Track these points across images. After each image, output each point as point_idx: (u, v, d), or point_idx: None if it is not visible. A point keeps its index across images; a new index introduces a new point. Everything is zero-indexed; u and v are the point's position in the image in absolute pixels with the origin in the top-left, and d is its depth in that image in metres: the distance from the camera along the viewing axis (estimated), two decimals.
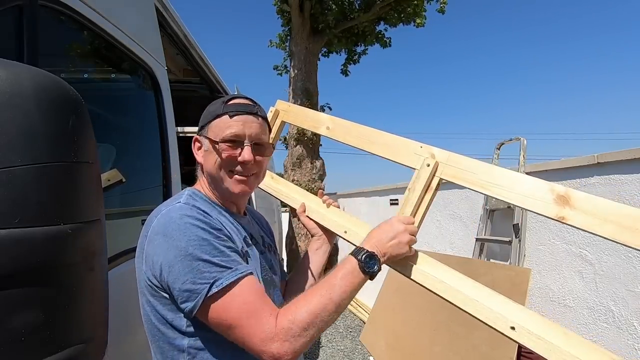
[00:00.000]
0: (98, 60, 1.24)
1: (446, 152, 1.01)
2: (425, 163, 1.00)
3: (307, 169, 6.26)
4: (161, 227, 0.75)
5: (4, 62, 0.31)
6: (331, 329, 4.71)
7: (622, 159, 2.05)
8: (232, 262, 0.74)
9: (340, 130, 1.22)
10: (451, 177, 0.98)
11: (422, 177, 0.99)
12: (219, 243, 0.75)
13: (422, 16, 6.55)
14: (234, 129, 0.86)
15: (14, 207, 0.29)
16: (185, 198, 0.83)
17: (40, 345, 0.30)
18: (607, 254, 2.12)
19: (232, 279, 0.72)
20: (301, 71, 6.33)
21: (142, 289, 0.79)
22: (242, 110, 0.88)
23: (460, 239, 3.46)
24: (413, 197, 0.98)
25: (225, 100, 0.89)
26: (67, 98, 0.33)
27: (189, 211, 0.77)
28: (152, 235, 0.75)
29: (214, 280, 0.71)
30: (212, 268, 0.72)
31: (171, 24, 1.77)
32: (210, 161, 0.88)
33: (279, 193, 1.28)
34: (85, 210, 0.34)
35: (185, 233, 0.73)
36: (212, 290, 0.70)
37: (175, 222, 0.74)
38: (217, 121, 0.87)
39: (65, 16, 0.92)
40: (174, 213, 0.76)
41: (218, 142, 0.86)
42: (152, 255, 0.74)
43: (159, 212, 0.79)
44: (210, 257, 0.72)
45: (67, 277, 0.32)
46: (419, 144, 1.05)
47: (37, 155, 0.30)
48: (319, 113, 1.30)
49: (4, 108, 0.29)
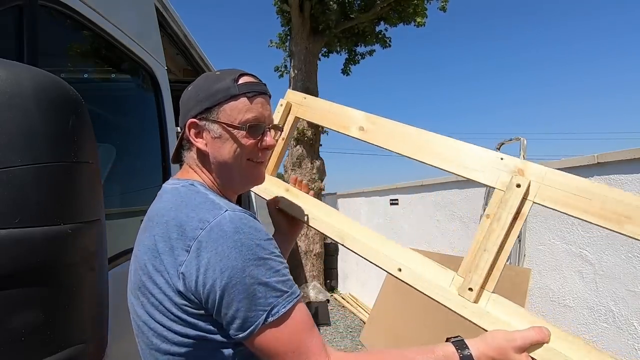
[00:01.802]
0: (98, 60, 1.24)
1: (541, 168, 0.78)
2: (514, 183, 0.78)
3: (307, 169, 6.26)
4: (213, 243, 0.65)
5: (4, 62, 0.31)
6: (331, 329, 4.71)
7: (622, 159, 2.05)
8: (287, 284, 0.68)
9: (380, 133, 0.97)
10: (553, 202, 0.76)
11: (510, 202, 0.77)
12: (275, 260, 0.68)
13: (423, 15, 6.55)
14: (255, 113, 0.78)
15: (14, 207, 0.29)
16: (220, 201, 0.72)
17: (40, 345, 0.30)
18: (607, 254, 2.12)
19: (289, 305, 0.66)
20: (301, 71, 6.33)
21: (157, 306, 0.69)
22: (259, 91, 0.79)
23: (460, 239, 3.45)
24: (499, 229, 0.77)
25: (235, 79, 0.78)
26: (67, 98, 0.33)
27: (241, 222, 0.67)
28: (200, 251, 0.65)
29: (271, 307, 0.65)
30: (269, 293, 0.65)
31: (171, 24, 1.78)
32: (226, 149, 0.78)
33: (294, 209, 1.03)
34: (85, 210, 0.34)
35: (242, 251, 0.65)
36: (268, 319, 0.65)
37: (231, 237, 0.65)
38: (234, 103, 0.77)
39: (65, 16, 0.92)
40: (226, 227, 0.66)
41: (241, 127, 0.77)
42: (197, 274, 0.65)
43: (204, 224, 0.66)
44: (267, 278, 0.65)
45: (67, 277, 0.32)
46: (498, 155, 0.83)
47: (37, 155, 0.30)
48: (347, 108, 1.03)
49: (4, 108, 0.29)
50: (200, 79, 0.83)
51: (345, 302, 5.66)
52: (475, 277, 0.77)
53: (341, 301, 5.80)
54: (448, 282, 0.81)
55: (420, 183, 4.11)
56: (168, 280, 0.67)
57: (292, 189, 1.07)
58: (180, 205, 0.71)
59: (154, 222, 0.72)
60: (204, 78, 0.82)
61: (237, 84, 0.77)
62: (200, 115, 0.78)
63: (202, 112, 0.78)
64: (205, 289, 0.65)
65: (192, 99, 0.80)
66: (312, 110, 1.08)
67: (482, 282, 0.77)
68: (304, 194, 1.05)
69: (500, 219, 0.77)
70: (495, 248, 0.76)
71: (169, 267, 0.67)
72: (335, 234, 0.95)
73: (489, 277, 0.77)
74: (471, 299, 0.77)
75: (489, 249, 0.77)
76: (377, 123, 0.98)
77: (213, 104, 0.77)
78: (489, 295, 0.77)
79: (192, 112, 0.78)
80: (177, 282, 0.66)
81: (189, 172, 0.82)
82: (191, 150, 0.82)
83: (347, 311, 5.40)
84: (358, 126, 1.00)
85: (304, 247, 6.28)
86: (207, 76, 0.82)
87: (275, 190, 1.07)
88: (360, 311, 5.13)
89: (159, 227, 0.70)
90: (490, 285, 0.77)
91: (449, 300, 0.79)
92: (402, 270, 0.85)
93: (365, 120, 0.99)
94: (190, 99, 0.80)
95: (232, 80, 0.77)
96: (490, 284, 0.77)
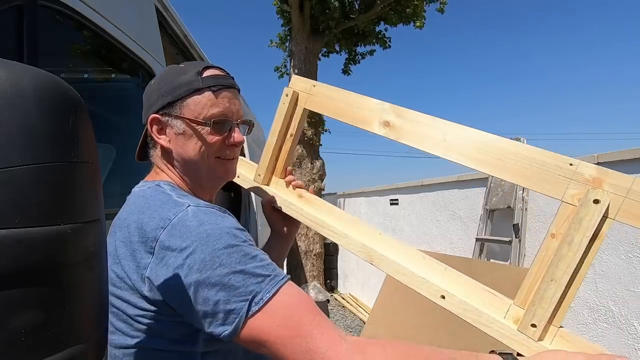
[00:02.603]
0: (98, 60, 1.24)
1: (626, 178, 0.62)
2: (591, 198, 0.62)
3: (307, 169, 6.26)
4: (177, 240, 0.60)
5: (4, 62, 0.31)
6: None
7: (622, 159, 2.05)
8: (267, 268, 0.61)
9: (411, 130, 0.80)
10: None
11: (585, 221, 0.62)
12: (248, 246, 0.62)
13: (421, 16, 6.56)
14: (221, 108, 0.72)
15: (14, 207, 0.29)
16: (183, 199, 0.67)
17: (40, 345, 0.30)
18: (607, 254, 2.12)
19: (273, 289, 0.59)
20: (301, 71, 6.33)
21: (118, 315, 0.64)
22: (226, 84, 0.73)
23: (460, 239, 3.45)
24: (571, 254, 0.63)
25: (199, 71, 0.72)
26: (67, 98, 0.33)
27: (205, 215, 0.63)
28: (163, 251, 0.60)
29: (253, 295, 0.58)
30: (248, 280, 0.59)
31: (171, 24, 1.78)
32: (190, 146, 0.72)
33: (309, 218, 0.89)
34: (85, 210, 0.34)
35: (208, 242, 0.59)
36: (252, 308, 0.58)
37: (194, 230, 0.60)
38: (197, 97, 0.71)
39: (66, 16, 0.92)
40: (190, 221, 0.61)
41: (205, 124, 0.71)
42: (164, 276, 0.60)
43: (164, 222, 0.62)
44: (243, 265, 0.59)
45: (67, 277, 0.32)
46: (566, 160, 0.67)
47: (37, 155, 0.30)
48: (368, 98, 0.86)
49: (4, 108, 0.29)
50: (164, 71, 0.77)
51: (345, 302, 5.66)
52: (540, 311, 0.64)
53: (341, 301, 5.80)
54: (502, 313, 0.69)
55: (420, 183, 4.11)
56: (131, 286, 0.62)
57: (306, 194, 0.94)
58: (143, 207, 0.66)
59: (115, 227, 0.68)
60: (167, 70, 0.76)
61: (201, 77, 0.71)
62: (163, 110, 0.72)
63: (164, 107, 0.72)
64: (175, 290, 0.59)
65: (154, 92, 0.74)
66: (324, 101, 0.92)
67: (549, 317, 0.63)
68: (318, 199, 0.92)
69: (572, 242, 0.63)
70: (566, 278, 0.63)
71: (130, 272, 0.62)
72: (360, 250, 0.80)
73: (557, 310, 0.63)
74: (535, 336, 0.64)
75: (558, 279, 0.63)
76: (407, 117, 0.79)
77: (175, 98, 0.71)
78: (555, 331, 0.64)
79: (154, 107, 0.73)
80: (142, 287, 0.61)
81: (157, 172, 0.77)
82: (156, 148, 0.77)
83: (347, 311, 5.40)
84: (382, 121, 0.82)
85: (304, 247, 6.28)
86: (171, 68, 0.76)
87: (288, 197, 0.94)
88: (360, 311, 5.13)
89: (120, 232, 0.65)
90: (557, 319, 0.64)
91: (507, 338, 0.66)
92: (446, 297, 0.71)
93: (391, 112, 0.81)
94: (152, 92, 0.74)
95: (196, 73, 0.72)
96: (559, 317, 0.64)
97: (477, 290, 0.71)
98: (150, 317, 0.63)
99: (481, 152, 0.73)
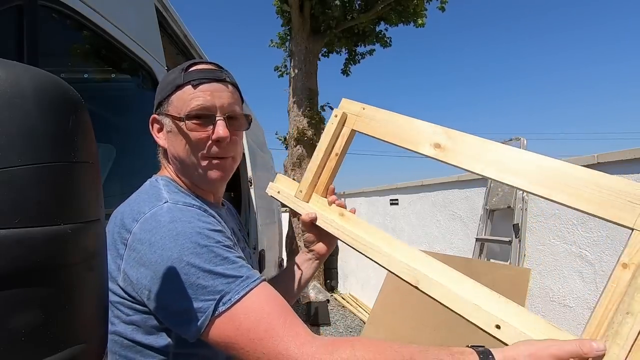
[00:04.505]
0: (98, 60, 1.24)
1: None
2: None
3: None
4: (147, 234, 0.60)
5: (4, 62, 0.31)
6: (331, 329, 4.71)
7: (622, 159, 2.05)
8: (240, 270, 0.61)
9: (463, 151, 0.78)
10: None
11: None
12: (221, 248, 0.61)
13: (423, 15, 6.56)
14: (201, 101, 0.70)
15: (14, 207, 0.29)
16: (167, 194, 0.68)
17: (40, 345, 0.30)
18: (607, 254, 2.12)
19: (243, 291, 0.59)
20: (301, 71, 6.33)
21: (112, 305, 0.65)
22: (208, 77, 0.71)
23: (460, 239, 3.45)
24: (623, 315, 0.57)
25: (184, 67, 0.72)
26: (67, 98, 0.33)
27: (180, 212, 0.63)
28: (134, 244, 0.61)
29: (221, 295, 0.58)
30: (217, 280, 0.58)
31: (171, 24, 1.78)
32: (178, 144, 0.72)
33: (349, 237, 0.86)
34: (85, 210, 0.34)
35: (177, 240, 0.59)
36: (219, 308, 0.57)
37: (165, 227, 0.60)
38: (179, 93, 0.71)
39: (65, 16, 0.92)
40: (162, 217, 0.61)
41: (183, 119, 0.70)
42: (134, 269, 0.60)
43: (139, 215, 0.63)
44: (212, 266, 0.59)
45: (67, 277, 0.32)
46: (635, 186, 0.61)
47: (37, 155, 0.30)
48: (417, 121, 0.86)
49: (4, 108, 0.29)
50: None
51: (345, 302, 5.66)
52: (616, 349, 0.57)
53: (341, 301, 5.80)
54: None
55: (420, 183, 4.11)
56: (110, 273, 0.63)
57: (347, 213, 0.92)
58: (130, 200, 0.69)
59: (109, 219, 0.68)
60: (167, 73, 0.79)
61: (185, 72, 0.72)
62: (157, 110, 0.76)
63: (158, 106, 0.75)
64: (143, 284, 0.59)
65: (156, 93, 0.77)
66: (373, 123, 0.92)
67: (627, 354, 0.57)
68: (358, 219, 0.90)
69: (633, 298, 0.58)
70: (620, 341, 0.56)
71: (110, 261, 0.63)
72: (404, 271, 0.76)
73: (633, 345, 0.57)
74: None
75: (636, 312, 0.57)
76: (459, 139, 0.80)
77: (163, 97, 0.73)
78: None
79: (154, 108, 0.77)
80: (118, 277, 0.62)
81: (162, 169, 0.80)
82: (159, 146, 0.79)
83: (347, 311, 5.40)
84: (432, 143, 0.82)
85: None
86: (170, 71, 0.79)
87: (329, 214, 0.93)
88: (360, 311, 5.13)
89: (110, 224, 0.67)
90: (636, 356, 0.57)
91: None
92: (502, 327, 0.66)
93: (443, 134, 0.81)
94: (156, 93, 0.78)
95: (181, 70, 0.72)
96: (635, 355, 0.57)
97: (536, 321, 0.66)
98: (127, 306, 0.63)
99: (537, 174, 0.70)
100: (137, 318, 0.63)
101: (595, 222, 2.16)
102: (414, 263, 0.76)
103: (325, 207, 0.95)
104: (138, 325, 0.64)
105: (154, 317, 0.63)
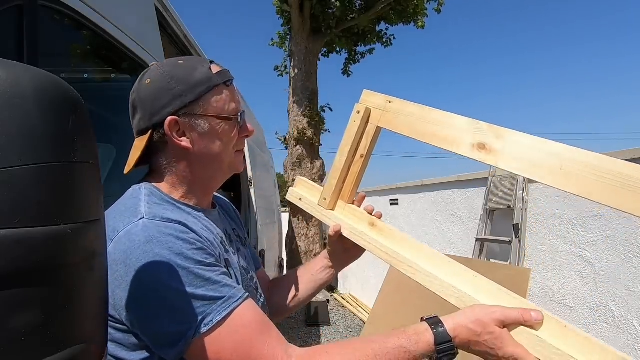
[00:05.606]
0: (98, 60, 1.24)
1: None
2: None
3: (307, 169, 6.26)
4: (121, 255, 0.58)
5: (4, 62, 0.31)
6: (331, 329, 4.71)
7: (622, 159, 2.05)
8: (221, 290, 0.60)
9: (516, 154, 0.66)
10: None
11: None
12: (201, 268, 0.60)
13: (423, 15, 6.56)
14: (236, 102, 0.75)
15: (14, 207, 0.29)
16: (146, 206, 0.64)
17: (40, 345, 0.30)
18: (607, 254, 2.12)
19: (225, 312, 0.59)
20: (301, 71, 6.33)
21: None
22: (232, 78, 0.75)
23: (460, 239, 3.45)
24: None
25: (210, 68, 0.72)
26: (67, 98, 0.33)
27: (156, 230, 0.59)
28: (110, 264, 0.57)
29: (203, 317, 0.57)
30: (197, 302, 0.57)
31: (171, 24, 1.78)
32: (215, 143, 0.72)
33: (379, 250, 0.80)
34: (85, 210, 0.34)
35: (154, 262, 0.57)
36: (201, 330, 0.57)
37: (140, 248, 0.57)
38: (215, 94, 0.71)
39: (65, 16, 0.92)
40: (137, 236, 0.58)
41: (230, 118, 0.72)
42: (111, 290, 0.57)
43: (113, 234, 0.59)
44: (193, 289, 0.58)
45: (67, 277, 0.32)
46: None
47: (37, 155, 0.30)
48: (454, 116, 0.74)
49: (4, 108, 0.29)
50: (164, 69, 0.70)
51: (345, 302, 5.66)
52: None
53: (341, 301, 5.80)
54: None
55: (420, 183, 4.11)
56: None
57: (378, 222, 0.83)
58: (109, 211, 0.65)
59: None
60: (170, 69, 0.70)
61: (217, 74, 0.72)
62: (182, 110, 0.68)
63: (185, 107, 0.68)
64: (122, 305, 0.58)
65: (164, 93, 0.68)
66: (401, 119, 0.80)
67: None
68: (392, 228, 0.83)
69: None
70: None
71: None
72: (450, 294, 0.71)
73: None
74: None
75: None
76: (509, 138, 0.67)
77: (196, 96, 0.68)
78: None
79: (170, 109, 0.68)
80: None
81: (151, 174, 0.74)
82: (164, 152, 0.72)
83: (347, 311, 5.40)
84: (476, 142, 0.70)
85: (304, 247, 6.28)
86: (175, 66, 0.71)
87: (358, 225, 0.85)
88: (360, 311, 5.13)
89: None
90: None
91: None
92: None
93: (490, 133, 0.69)
94: (161, 94, 0.68)
95: (209, 69, 0.71)
96: None
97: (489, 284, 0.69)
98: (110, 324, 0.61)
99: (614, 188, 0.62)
100: (119, 336, 0.62)
101: (595, 222, 2.16)
102: (462, 286, 0.70)
103: (352, 215, 0.87)
104: (120, 343, 0.62)
105: (135, 335, 0.62)
